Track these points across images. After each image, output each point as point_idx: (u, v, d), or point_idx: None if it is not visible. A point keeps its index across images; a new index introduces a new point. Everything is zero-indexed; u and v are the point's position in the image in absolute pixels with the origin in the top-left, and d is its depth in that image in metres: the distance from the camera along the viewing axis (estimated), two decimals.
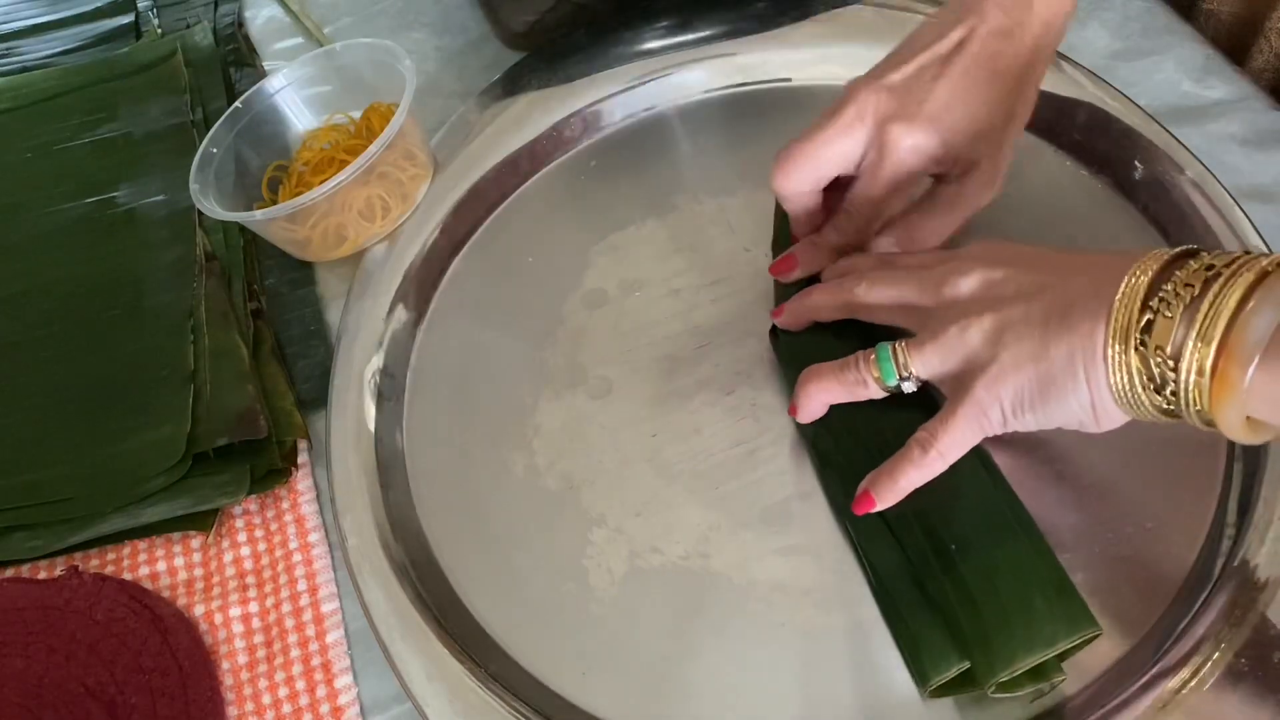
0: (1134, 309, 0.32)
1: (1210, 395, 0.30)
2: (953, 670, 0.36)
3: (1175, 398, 0.31)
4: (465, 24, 0.65)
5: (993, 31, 0.40)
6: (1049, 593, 0.36)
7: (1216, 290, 0.30)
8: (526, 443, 0.47)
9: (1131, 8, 0.57)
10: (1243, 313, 0.29)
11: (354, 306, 0.52)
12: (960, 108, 0.40)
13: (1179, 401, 0.31)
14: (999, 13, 0.40)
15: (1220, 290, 0.30)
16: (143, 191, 0.61)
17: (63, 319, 0.56)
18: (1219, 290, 0.30)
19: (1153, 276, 0.32)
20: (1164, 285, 0.31)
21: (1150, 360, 0.31)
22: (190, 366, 0.52)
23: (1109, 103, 0.51)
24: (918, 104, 0.40)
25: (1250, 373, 0.29)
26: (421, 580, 0.43)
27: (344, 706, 0.42)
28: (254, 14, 0.70)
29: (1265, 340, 0.29)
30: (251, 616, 0.45)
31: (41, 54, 0.72)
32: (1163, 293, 0.31)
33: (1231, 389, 0.30)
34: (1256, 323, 0.29)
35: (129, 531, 0.47)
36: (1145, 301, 0.32)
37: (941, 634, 0.37)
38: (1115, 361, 0.32)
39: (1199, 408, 0.31)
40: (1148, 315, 0.31)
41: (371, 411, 0.48)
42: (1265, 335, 0.29)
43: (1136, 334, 0.31)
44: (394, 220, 0.54)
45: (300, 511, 0.47)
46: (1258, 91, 0.52)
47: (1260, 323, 0.29)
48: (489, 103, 0.58)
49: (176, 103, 0.65)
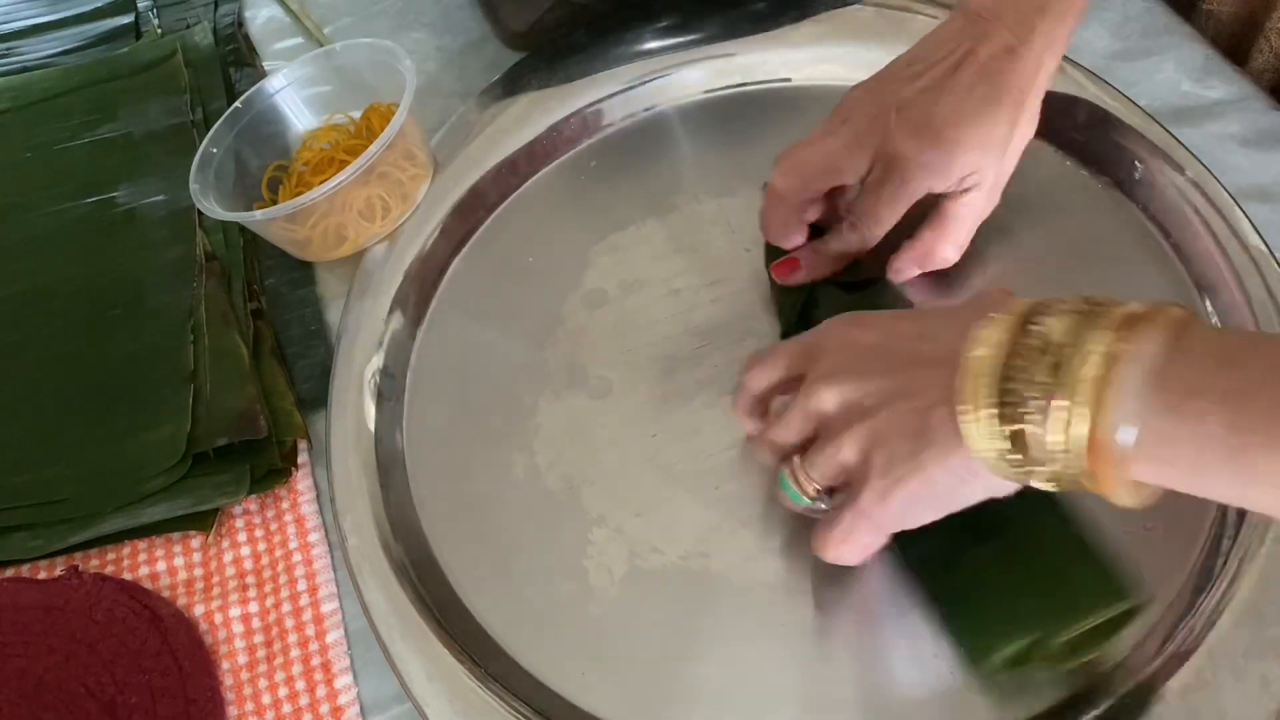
0: (986, 403, 0.30)
1: (1093, 477, 0.29)
2: (1013, 644, 0.36)
3: (1058, 476, 0.30)
4: (465, 24, 0.65)
5: (998, 48, 0.40)
6: (1089, 562, 0.36)
7: (1071, 372, 0.28)
8: (526, 443, 0.47)
9: (1131, 8, 0.57)
10: (1107, 395, 0.28)
11: (354, 306, 0.52)
12: (967, 123, 0.40)
13: (1064, 479, 0.30)
14: (1004, 29, 0.40)
15: (1075, 372, 0.28)
16: (143, 192, 0.61)
17: (63, 319, 0.56)
18: (1074, 371, 0.28)
19: (999, 353, 0.30)
20: (1014, 371, 0.29)
21: (1021, 449, 0.30)
22: (190, 366, 0.52)
23: (1109, 103, 0.51)
24: (926, 120, 0.40)
25: (1126, 456, 0.28)
26: (421, 580, 0.43)
27: (344, 706, 0.42)
28: (254, 14, 0.70)
29: (1134, 417, 0.27)
30: (251, 616, 0.45)
31: (41, 54, 0.72)
32: (1011, 387, 0.29)
33: (1111, 467, 0.28)
34: (1123, 404, 0.27)
35: (129, 531, 0.47)
36: (1000, 395, 0.30)
37: (995, 609, 0.37)
38: (988, 458, 0.31)
39: (1084, 485, 0.30)
40: (1004, 409, 0.30)
41: (371, 411, 0.48)
42: (1133, 412, 0.27)
43: (999, 430, 0.30)
44: (394, 220, 0.54)
45: (300, 511, 0.47)
46: (1258, 91, 0.52)
47: (1127, 406, 0.27)
48: (489, 103, 0.58)
49: (176, 103, 0.65)
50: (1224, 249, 0.45)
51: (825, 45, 0.57)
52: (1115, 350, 0.28)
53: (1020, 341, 0.30)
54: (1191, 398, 0.27)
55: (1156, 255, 0.47)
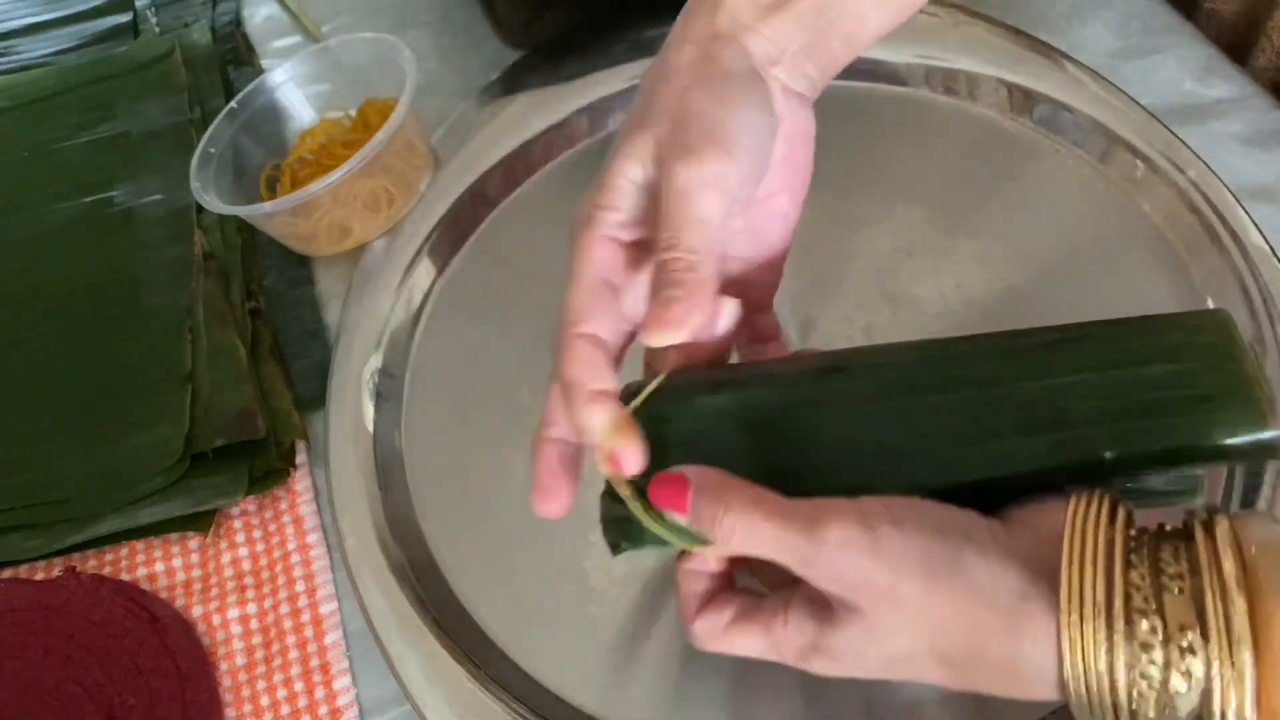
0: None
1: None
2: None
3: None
4: (465, 22, 0.65)
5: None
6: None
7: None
8: (526, 443, 0.46)
9: (1133, 6, 0.57)
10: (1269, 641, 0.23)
11: (353, 306, 0.51)
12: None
13: None
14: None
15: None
16: (141, 191, 0.61)
17: (60, 319, 0.56)
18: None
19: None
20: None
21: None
22: (188, 367, 0.51)
23: (1110, 102, 0.50)
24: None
25: None
26: (420, 581, 0.43)
27: (343, 708, 0.41)
28: (252, 12, 0.70)
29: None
30: (250, 617, 0.44)
31: (39, 53, 0.72)
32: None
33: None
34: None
35: (127, 532, 0.47)
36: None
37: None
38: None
39: None
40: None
41: (370, 412, 0.48)
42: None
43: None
44: (399, 210, 0.54)
45: (299, 512, 0.47)
46: (1259, 90, 0.52)
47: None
48: (489, 101, 0.58)
49: (174, 101, 0.65)
50: (1225, 249, 0.45)
51: None
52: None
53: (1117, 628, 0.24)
54: None
55: (1158, 255, 0.47)
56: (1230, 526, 0.25)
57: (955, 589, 0.26)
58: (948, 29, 0.55)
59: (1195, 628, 0.23)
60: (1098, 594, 0.24)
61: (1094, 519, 0.25)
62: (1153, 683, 0.23)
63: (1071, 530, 0.25)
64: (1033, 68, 0.53)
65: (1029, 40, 0.54)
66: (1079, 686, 0.24)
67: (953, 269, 0.48)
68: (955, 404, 0.30)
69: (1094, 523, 0.25)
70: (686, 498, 0.29)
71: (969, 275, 0.47)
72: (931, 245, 0.49)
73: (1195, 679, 0.23)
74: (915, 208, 0.50)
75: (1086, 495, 0.26)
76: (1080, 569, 0.25)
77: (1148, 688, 0.24)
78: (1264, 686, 0.23)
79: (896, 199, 0.51)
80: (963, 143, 0.52)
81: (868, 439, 0.30)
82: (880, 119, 0.54)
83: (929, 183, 0.51)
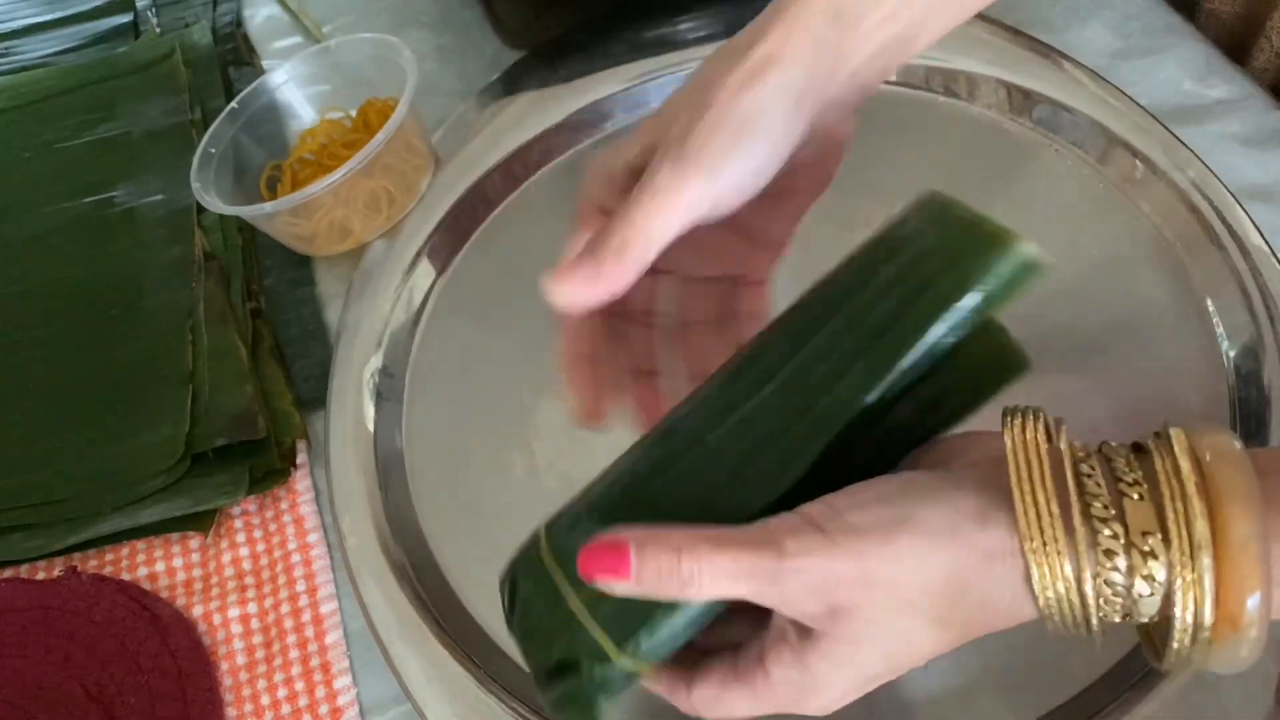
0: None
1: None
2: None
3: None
4: (465, 22, 0.65)
5: None
6: None
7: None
8: (526, 443, 0.47)
9: (1132, 7, 0.57)
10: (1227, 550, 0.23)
11: (353, 306, 0.52)
12: None
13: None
14: None
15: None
16: (141, 191, 0.61)
17: (61, 319, 0.56)
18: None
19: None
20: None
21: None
22: (189, 367, 0.51)
23: (1110, 102, 0.50)
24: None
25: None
26: (421, 580, 0.43)
27: (343, 707, 0.41)
28: (253, 13, 0.70)
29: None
30: (250, 617, 0.44)
31: (40, 53, 0.72)
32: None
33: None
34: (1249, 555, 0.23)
35: (128, 532, 0.47)
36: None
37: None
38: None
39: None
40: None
41: (371, 412, 0.48)
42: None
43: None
44: (400, 210, 0.54)
45: (299, 512, 0.47)
46: (1259, 91, 0.52)
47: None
48: (489, 102, 0.58)
49: (175, 102, 0.65)
50: (1224, 249, 0.45)
51: None
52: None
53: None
54: None
55: (1158, 255, 0.47)
56: (1184, 435, 0.25)
57: (917, 544, 0.25)
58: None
59: (1156, 532, 0.24)
60: (1053, 507, 0.24)
61: (1032, 435, 0.26)
62: (1116, 589, 0.24)
63: (1014, 448, 0.25)
64: (1033, 68, 0.53)
65: (1029, 40, 0.54)
66: (1048, 601, 0.24)
67: None
68: (760, 410, 0.29)
69: (1033, 438, 0.25)
70: (628, 558, 0.26)
71: None
72: None
73: (1157, 583, 0.24)
74: None
75: (1020, 415, 0.26)
76: (1031, 485, 0.25)
77: (1112, 594, 0.24)
78: (1222, 590, 0.23)
79: (896, 199, 0.50)
80: (963, 143, 0.52)
81: (717, 472, 0.29)
82: (880, 119, 0.54)
83: (929, 183, 0.50)
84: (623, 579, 0.27)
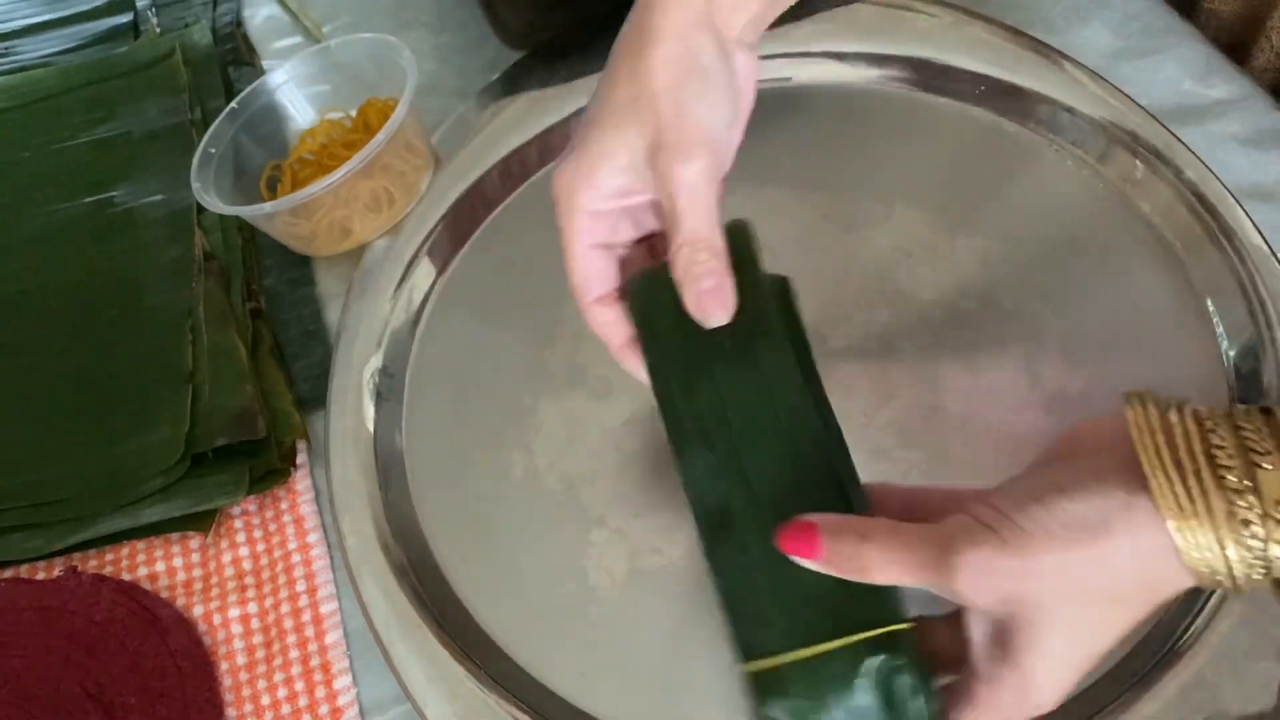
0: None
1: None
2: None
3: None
4: (464, 22, 0.65)
5: None
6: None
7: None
8: (526, 443, 0.47)
9: (1132, 7, 0.57)
10: None
11: (353, 306, 0.51)
12: None
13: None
14: None
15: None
16: (141, 191, 0.61)
17: (61, 319, 0.56)
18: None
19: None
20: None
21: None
22: (189, 367, 0.51)
23: (1109, 102, 0.50)
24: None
25: None
26: (421, 580, 0.43)
27: (343, 707, 0.42)
28: (253, 13, 0.70)
29: None
30: (250, 617, 0.44)
31: (40, 53, 0.72)
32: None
33: None
34: None
35: (128, 532, 0.47)
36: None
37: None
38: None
39: None
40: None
41: (371, 412, 0.48)
42: None
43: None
44: (399, 211, 0.54)
45: (299, 512, 0.47)
46: (1259, 91, 0.52)
47: None
48: (488, 102, 0.58)
49: (175, 102, 0.65)
50: (1224, 249, 0.45)
51: (826, 44, 0.56)
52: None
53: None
54: None
55: (1158, 255, 0.47)
56: None
57: (1079, 536, 0.27)
58: (948, 29, 0.55)
59: None
60: (1189, 482, 0.26)
61: (1155, 415, 0.27)
62: (1256, 552, 0.25)
63: (1139, 432, 0.27)
64: (1033, 68, 0.53)
65: (1029, 40, 0.54)
66: (1198, 567, 0.26)
67: (953, 269, 0.48)
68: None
69: (1156, 418, 0.27)
70: (819, 539, 0.29)
71: (969, 275, 0.47)
72: (931, 245, 0.49)
73: None
74: (915, 208, 0.50)
75: (1139, 399, 0.27)
76: (1163, 464, 0.26)
77: (1253, 558, 0.25)
78: None
79: (896, 199, 0.51)
80: (963, 143, 0.52)
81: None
82: (880, 119, 0.54)
83: (929, 183, 0.51)
84: (814, 558, 0.29)
